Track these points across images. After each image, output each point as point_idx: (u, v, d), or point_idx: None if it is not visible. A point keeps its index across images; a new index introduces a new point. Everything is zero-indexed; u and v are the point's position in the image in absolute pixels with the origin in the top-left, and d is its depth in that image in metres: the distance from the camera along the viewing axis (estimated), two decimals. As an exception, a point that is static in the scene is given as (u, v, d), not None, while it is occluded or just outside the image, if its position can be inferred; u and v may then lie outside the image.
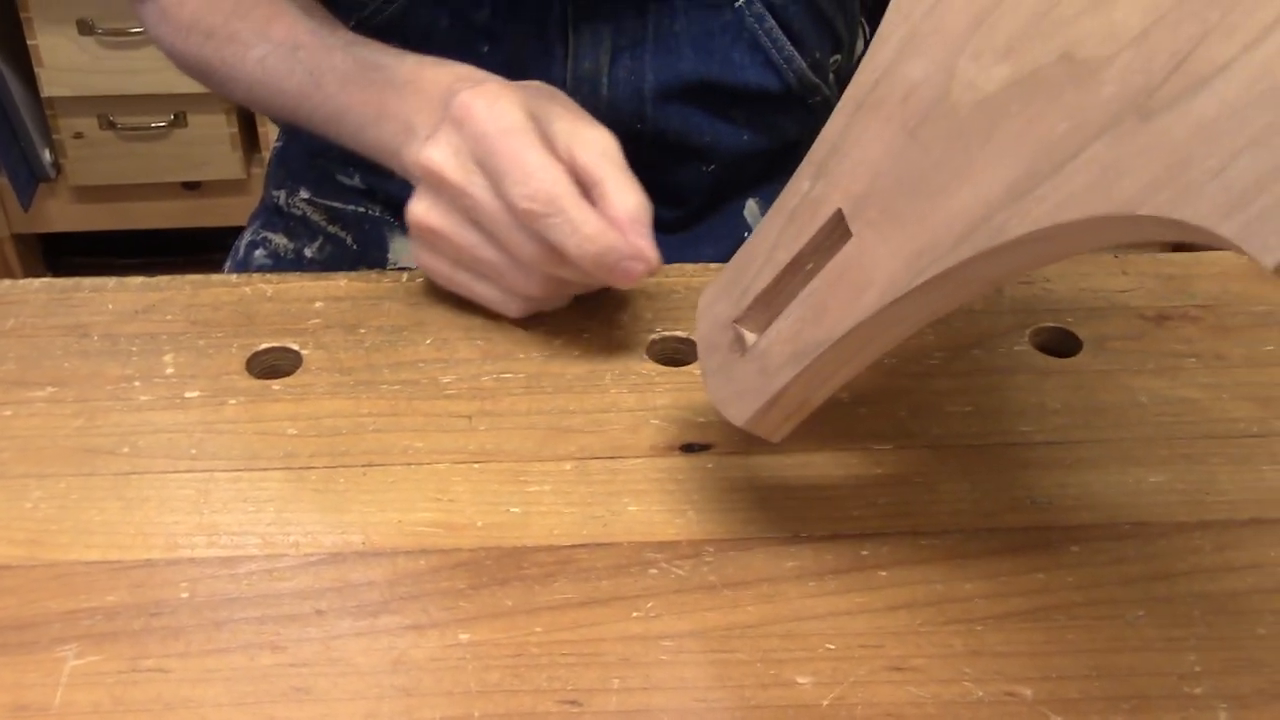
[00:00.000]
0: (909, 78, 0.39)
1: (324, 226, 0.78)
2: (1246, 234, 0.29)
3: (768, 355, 0.42)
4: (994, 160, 0.36)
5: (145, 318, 0.53)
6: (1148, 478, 0.48)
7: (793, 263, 0.42)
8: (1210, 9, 0.31)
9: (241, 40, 0.63)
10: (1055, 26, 0.36)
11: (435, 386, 0.51)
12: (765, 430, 0.44)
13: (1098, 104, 0.34)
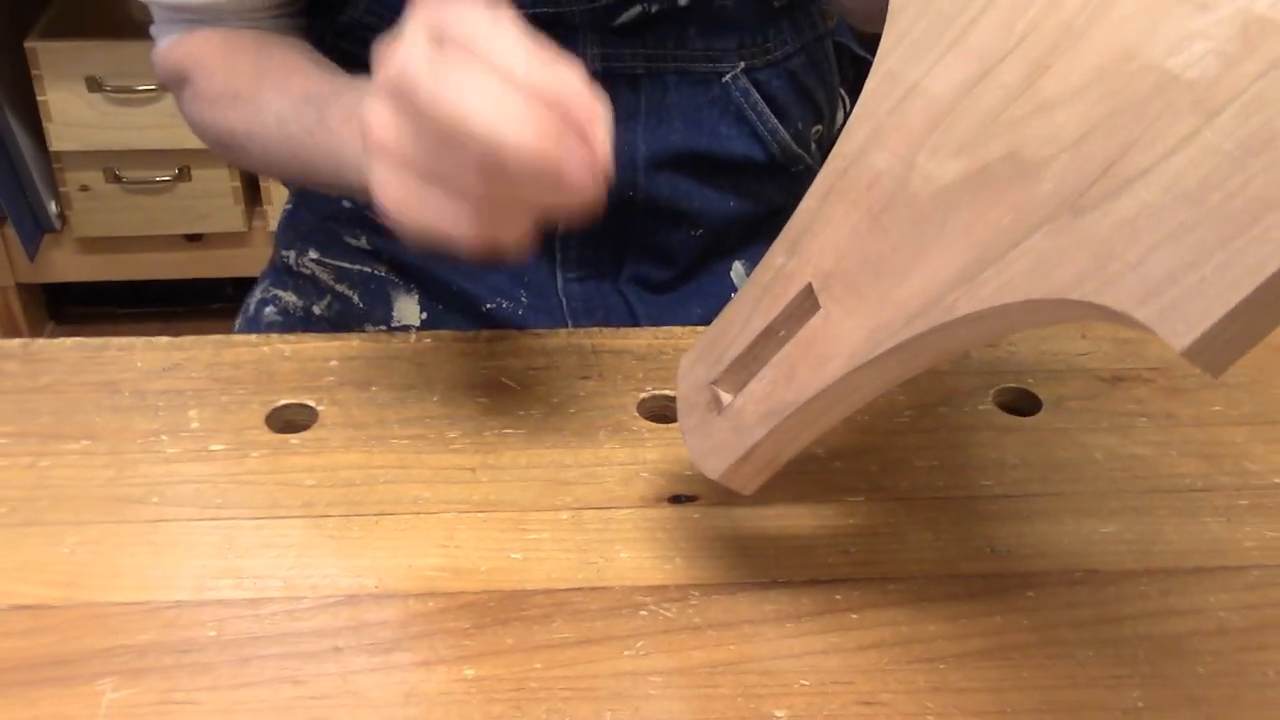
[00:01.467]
0: (874, 167, 0.44)
1: (331, 285, 0.82)
2: (1159, 320, 0.34)
3: (742, 414, 0.46)
4: (947, 246, 0.40)
5: (171, 375, 0.57)
6: (1099, 528, 0.52)
7: (766, 331, 0.46)
8: (1135, 122, 0.36)
9: (263, 99, 0.65)
10: (1004, 128, 0.40)
11: (442, 441, 0.54)
12: (738, 483, 0.48)
13: (1037, 200, 0.38)
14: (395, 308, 0.81)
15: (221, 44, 0.69)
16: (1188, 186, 0.34)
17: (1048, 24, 0.40)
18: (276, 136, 0.63)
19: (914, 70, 0.44)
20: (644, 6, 0.72)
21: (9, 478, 0.52)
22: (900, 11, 0.47)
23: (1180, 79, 0.35)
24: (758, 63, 0.78)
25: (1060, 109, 0.39)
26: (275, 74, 0.65)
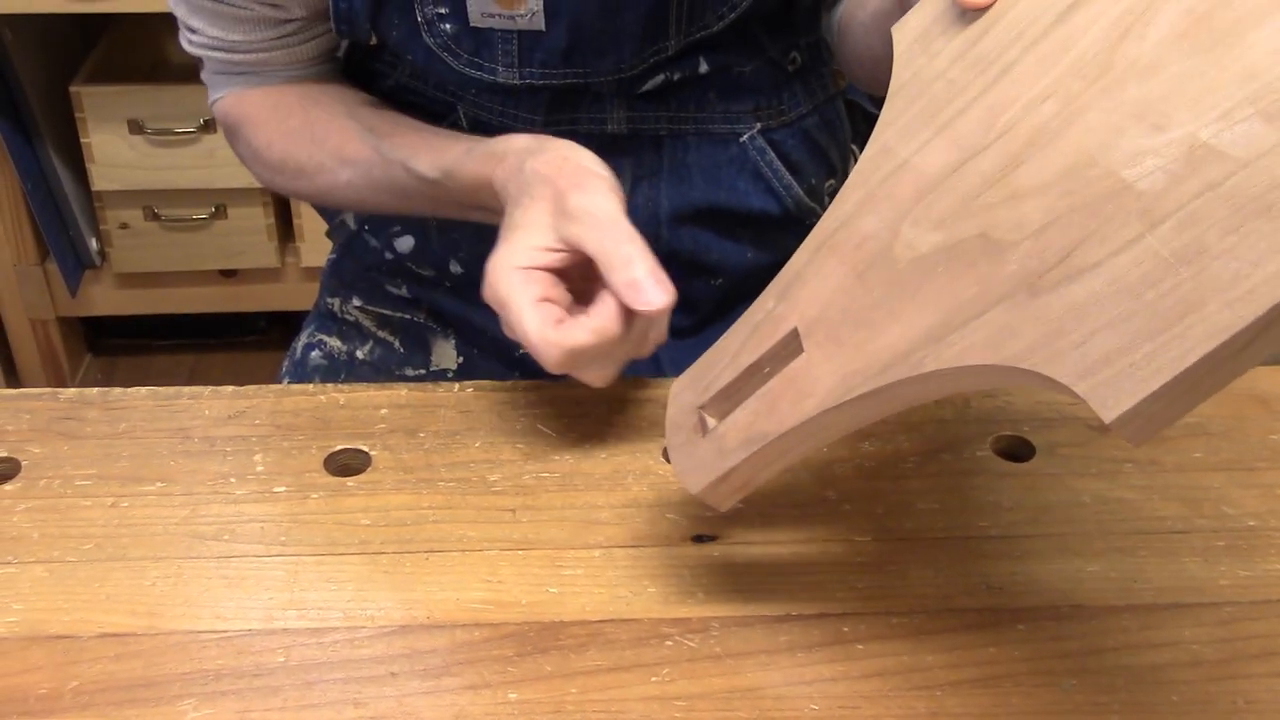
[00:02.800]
0: (862, 230, 0.49)
1: (374, 332, 0.87)
2: (1093, 394, 0.39)
3: (724, 438, 0.51)
4: (920, 308, 0.46)
5: (237, 422, 0.63)
6: (1086, 567, 0.57)
7: (752, 366, 0.51)
8: (1091, 220, 0.41)
9: (328, 170, 0.74)
10: (979, 210, 0.46)
11: (484, 484, 0.60)
12: (715, 500, 0.52)
13: (1001, 277, 0.43)
14: (434, 352, 0.86)
15: (271, 108, 0.77)
16: (1129, 282, 0.40)
17: (1025, 124, 0.45)
18: (354, 200, 0.74)
19: (906, 147, 0.50)
20: (667, 74, 0.77)
21: (94, 516, 0.57)
22: (898, 93, 0.52)
23: (1132, 188, 0.41)
24: (773, 124, 0.83)
25: (1029, 200, 0.44)
26: (328, 142, 0.73)
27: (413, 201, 0.72)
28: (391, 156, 0.70)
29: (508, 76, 0.73)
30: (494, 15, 0.71)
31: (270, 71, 0.77)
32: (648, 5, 0.72)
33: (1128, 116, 0.43)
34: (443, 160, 0.67)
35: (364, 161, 0.72)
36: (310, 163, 0.74)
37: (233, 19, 0.74)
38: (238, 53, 0.75)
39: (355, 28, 0.73)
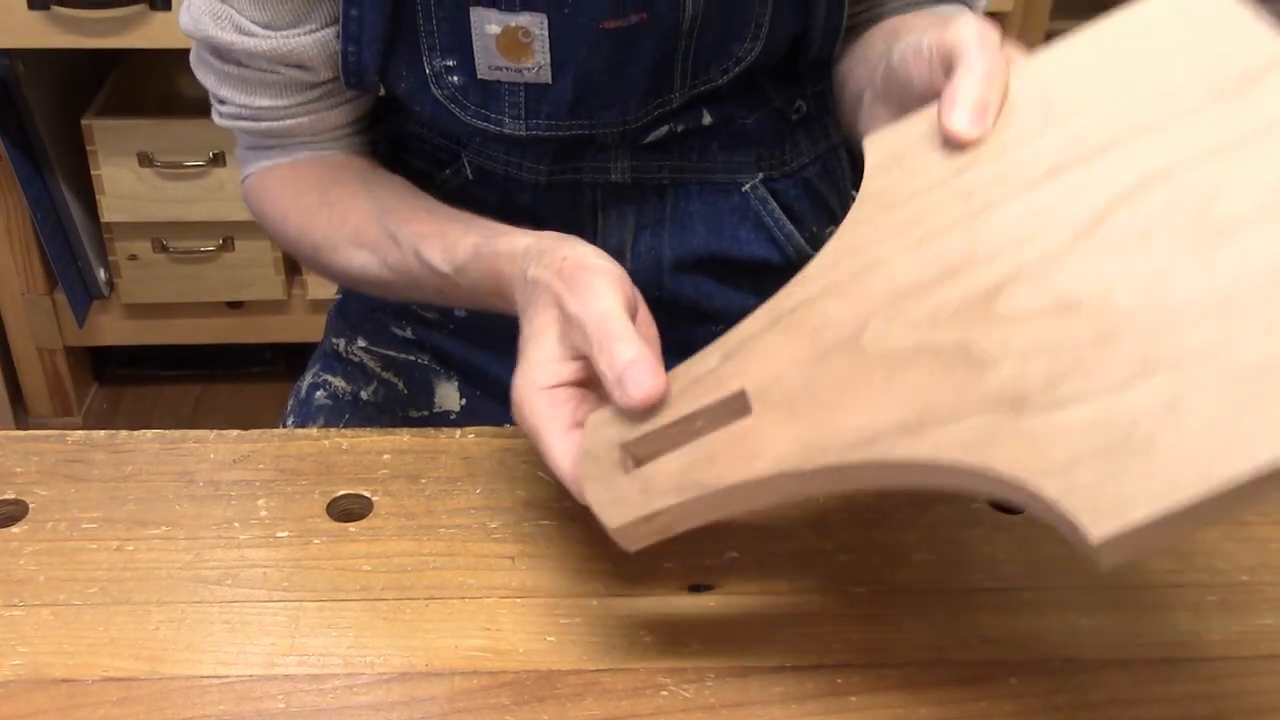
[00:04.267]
0: (826, 314, 0.50)
1: (378, 372, 0.88)
2: (1079, 514, 0.41)
3: (653, 480, 0.50)
4: (891, 399, 0.47)
5: (241, 467, 0.64)
6: (1079, 620, 0.57)
7: (688, 416, 0.51)
8: (1078, 358, 0.43)
9: (343, 252, 0.74)
10: (959, 323, 0.47)
11: (484, 531, 0.60)
12: (630, 539, 0.51)
13: (982, 390, 0.45)
14: (437, 394, 0.87)
15: (290, 186, 0.78)
16: (1118, 419, 0.41)
17: (1010, 260, 0.47)
18: (368, 281, 0.74)
19: (880, 250, 0.51)
20: (671, 126, 0.78)
21: (99, 559, 0.58)
22: (869, 199, 0.53)
23: (1123, 340, 0.43)
24: (775, 174, 0.85)
25: (1013, 326, 0.46)
26: (345, 225, 0.74)
27: (426, 293, 0.71)
28: (406, 243, 0.70)
29: (514, 128, 0.74)
30: (501, 68, 0.73)
31: (297, 142, 0.78)
32: (653, 60, 0.74)
33: (1118, 275, 0.45)
34: (454, 256, 0.66)
35: (379, 246, 0.72)
36: (325, 242, 0.75)
37: (259, 84, 0.75)
38: (264, 120, 0.76)
39: (363, 80, 0.74)
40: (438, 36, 0.73)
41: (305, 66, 0.73)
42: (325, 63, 0.73)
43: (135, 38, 1.56)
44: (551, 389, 0.54)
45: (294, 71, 0.74)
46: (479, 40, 0.72)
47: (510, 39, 0.72)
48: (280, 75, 0.74)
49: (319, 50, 0.72)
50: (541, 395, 0.54)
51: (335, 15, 0.72)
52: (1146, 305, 0.43)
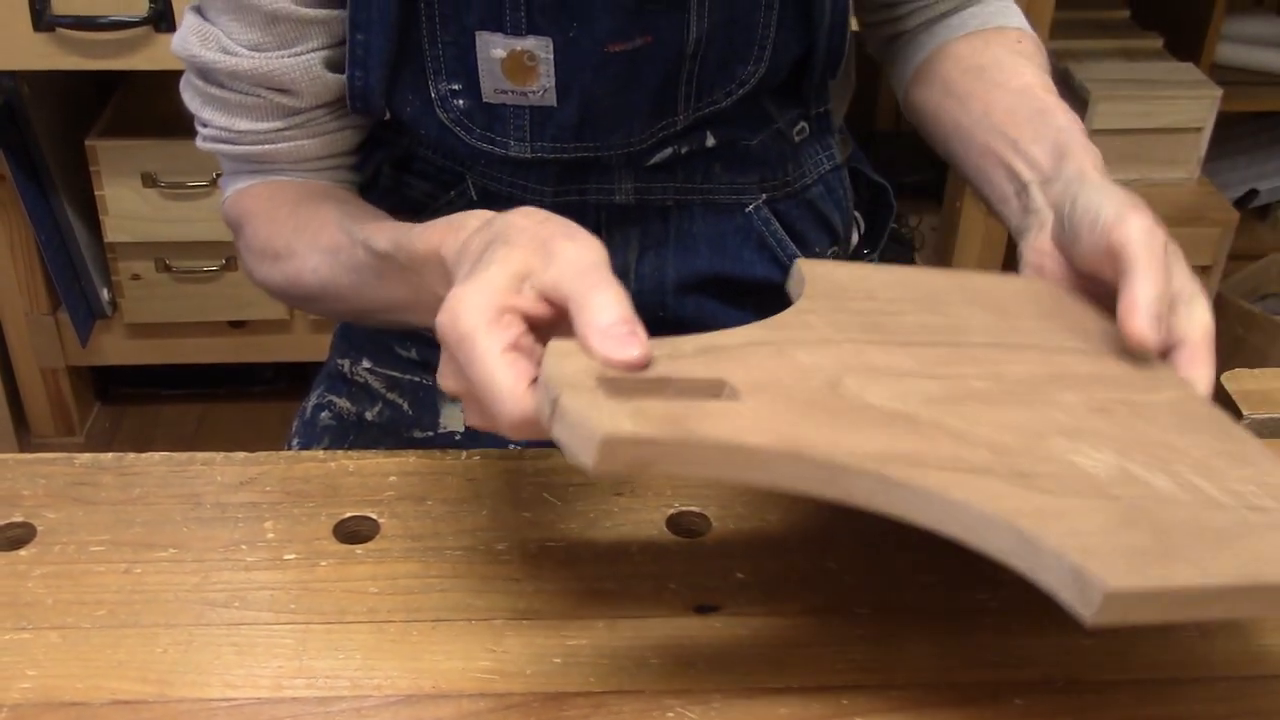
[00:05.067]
0: (802, 360, 0.52)
1: (383, 393, 0.89)
2: (1090, 565, 0.45)
3: (645, 411, 0.45)
4: (888, 435, 0.49)
5: (248, 489, 0.64)
6: (1082, 640, 0.58)
7: (666, 379, 0.48)
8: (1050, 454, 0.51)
9: (299, 255, 0.72)
10: (932, 409, 0.52)
11: (491, 553, 0.61)
12: (607, 458, 0.44)
13: (974, 460, 0.49)
14: (442, 415, 0.88)
15: (266, 200, 0.77)
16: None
17: (965, 385, 0.55)
18: (319, 290, 0.71)
19: (840, 334, 0.56)
20: (675, 148, 0.79)
21: (107, 582, 0.58)
22: (815, 299, 0.58)
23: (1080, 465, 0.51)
24: (778, 194, 0.85)
25: (983, 425, 0.51)
26: (307, 229, 0.72)
27: (363, 285, 0.67)
28: (357, 237, 0.67)
29: (519, 150, 0.75)
30: (507, 92, 0.73)
31: (277, 168, 0.78)
32: (657, 83, 0.74)
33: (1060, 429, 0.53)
34: (398, 234, 0.63)
35: (334, 248, 0.69)
36: (285, 248, 0.73)
37: (240, 107, 0.74)
38: (243, 144, 0.76)
39: (370, 104, 0.74)
40: (443, 60, 0.74)
41: (287, 90, 0.73)
42: (308, 88, 0.73)
43: (139, 59, 1.57)
44: (500, 307, 0.50)
45: (275, 96, 0.73)
46: (484, 64, 0.73)
47: (516, 63, 0.73)
48: (261, 99, 0.74)
49: (302, 74, 0.72)
50: (487, 308, 0.49)
51: (324, 43, 0.73)
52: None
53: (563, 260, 0.50)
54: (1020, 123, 0.75)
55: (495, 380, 0.48)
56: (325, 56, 0.74)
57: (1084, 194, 0.65)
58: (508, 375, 0.48)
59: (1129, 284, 0.59)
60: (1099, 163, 0.70)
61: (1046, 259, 0.68)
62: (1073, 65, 1.98)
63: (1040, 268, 0.68)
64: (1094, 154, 0.71)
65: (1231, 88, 1.98)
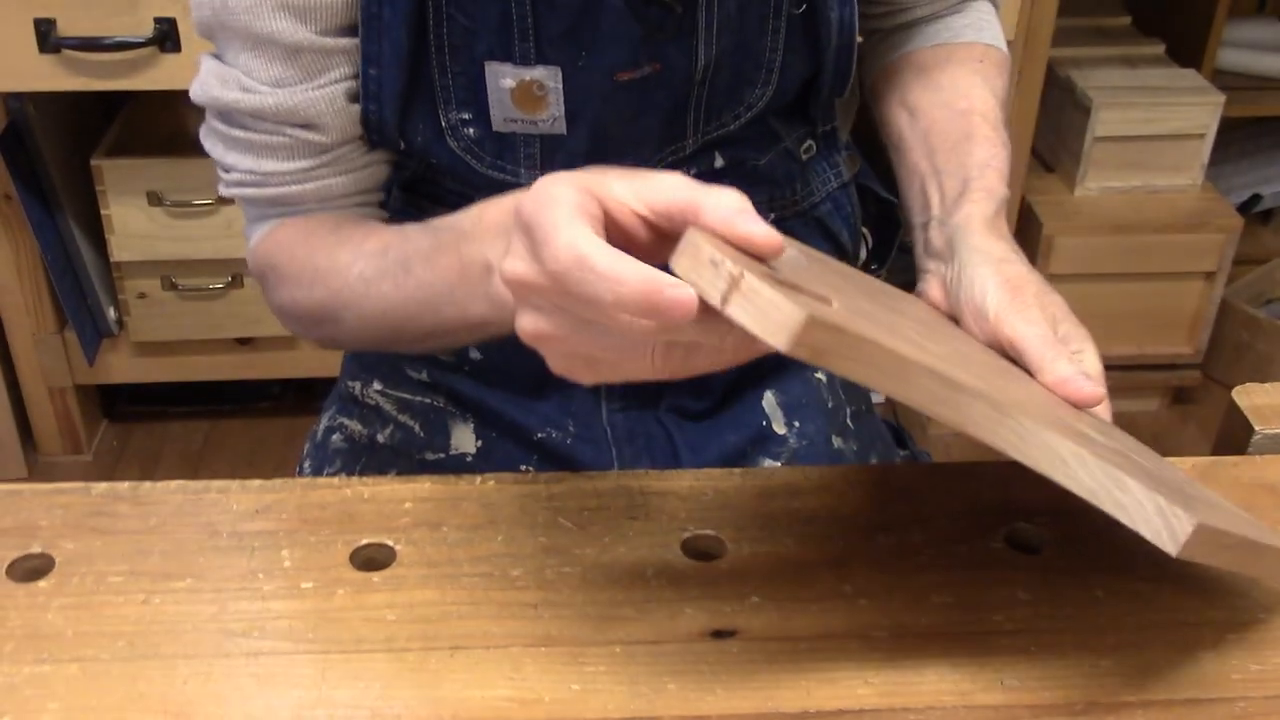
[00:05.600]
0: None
1: (394, 415, 0.89)
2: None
3: (820, 307, 0.46)
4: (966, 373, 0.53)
5: (264, 517, 0.64)
6: (1099, 661, 0.58)
7: (799, 287, 0.48)
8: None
9: (343, 263, 0.70)
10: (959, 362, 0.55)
11: (507, 579, 0.61)
12: (805, 341, 0.44)
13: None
14: (453, 436, 0.88)
15: (302, 226, 0.75)
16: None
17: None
18: (363, 295, 0.68)
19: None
20: (684, 170, 0.79)
21: (126, 613, 0.59)
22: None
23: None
24: (787, 213, 0.85)
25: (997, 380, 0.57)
26: (351, 240, 0.71)
27: (408, 276, 0.64)
28: (410, 228, 0.66)
29: (530, 179, 0.75)
30: (517, 120, 0.73)
31: (303, 209, 0.76)
32: (667, 109, 0.74)
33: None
34: (449, 217, 0.62)
35: (382, 248, 0.67)
36: (328, 261, 0.71)
37: (265, 148, 0.73)
38: (270, 186, 0.74)
39: (385, 136, 0.74)
40: (454, 90, 0.74)
41: (313, 125, 0.73)
42: (334, 121, 0.73)
43: (145, 80, 1.57)
44: (585, 187, 0.49)
45: (301, 132, 0.73)
46: (494, 94, 0.73)
47: (525, 92, 0.73)
48: (287, 137, 0.73)
49: (327, 106, 0.72)
50: (572, 181, 0.49)
51: (347, 74, 0.73)
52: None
53: (659, 178, 0.50)
54: (947, 149, 0.78)
55: (592, 249, 0.46)
56: (348, 88, 0.73)
57: (964, 264, 0.69)
58: (601, 245, 0.47)
59: (1041, 372, 0.63)
60: (989, 210, 0.73)
61: (940, 308, 0.72)
62: (1074, 73, 1.98)
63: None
64: (993, 197, 0.74)
65: (1233, 93, 1.98)
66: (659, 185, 0.49)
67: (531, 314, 0.50)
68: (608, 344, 0.49)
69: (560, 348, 0.51)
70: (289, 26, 0.70)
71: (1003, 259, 0.69)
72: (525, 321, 0.51)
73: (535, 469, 0.86)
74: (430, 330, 0.66)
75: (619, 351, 0.50)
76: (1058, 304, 0.67)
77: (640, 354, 0.50)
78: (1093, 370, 0.64)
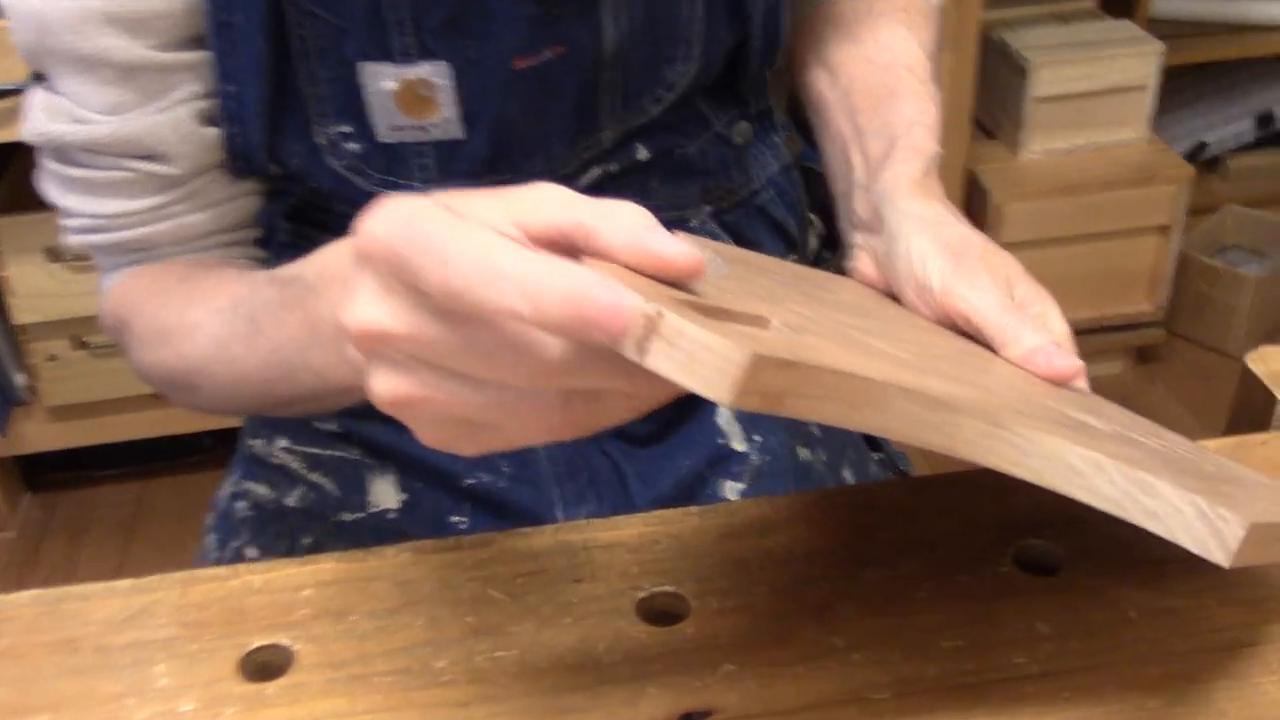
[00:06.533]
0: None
1: (304, 475, 0.78)
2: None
3: (759, 338, 0.38)
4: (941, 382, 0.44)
5: (135, 624, 0.53)
6: (1146, 702, 0.48)
7: (728, 312, 0.39)
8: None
9: (192, 322, 0.60)
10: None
11: (429, 674, 0.50)
12: (751, 386, 0.35)
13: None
14: (371, 492, 0.77)
15: (150, 277, 0.65)
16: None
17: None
18: (216, 358, 0.58)
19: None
20: (604, 167, 0.69)
21: (-37, 767, 0.48)
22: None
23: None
24: (725, 204, 0.76)
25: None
26: (200, 294, 0.60)
27: (258, 334, 0.54)
28: (260, 279, 0.56)
29: (427, 192, 0.65)
30: (404, 128, 0.63)
31: (159, 253, 0.66)
32: (575, 97, 0.64)
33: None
34: (311, 256, 0.51)
35: (232, 304, 0.57)
36: (177, 321, 0.60)
37: (107, 186, 0.63)
38: (116, 230, 0.64)
39: (253, 162, 0.64)
40: (327, 100, 0.64)
41: (158, 156, 0.62)
42: (183, 149, 0.62)
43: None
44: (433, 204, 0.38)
45: (146, 165, 0.63)
46: (374, 99, 0.63)
47: (410, 94, 0.63)
48: (130, 172, 0.63)
49: (173, 132, 0.62)
50: (417, 200, 0.38)
51: (194, 92, 0.62)
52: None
53: (533, 195, 0.39)
54: (870, 108, 0.69)
55: (489, 246, 0.35)
56: (198, 109, 0.63)
57: (896, 233, 0.60)
58: (501, 240, 0.36)
59: (1005, 346, 0.55)
60: (917, 170, 0.63)
61: (876, 287, 0.64)
62: (1007, 35, 1.91)
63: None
64: (921, 156, 0.64)
65: (1172, 41, 1.92)
66: (535, 203, 0.39)
67: (387, 372, 0.39)
68: (492, 399, 0.38)
69: (430, 411, 0.39)
70: (121, 43, 0.60)
71: (938, 221, 0.60)
72: (381, 383, 0.39)
73: (468, 519, 0.76)
74: (292, 398, 0.55)
75: (507, 408, 0.38)
76: (1009, 263, 0.59)
77: (535, 409, 0.38)
78: (1059, 333, 0.56)
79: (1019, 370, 0.54)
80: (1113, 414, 0.53)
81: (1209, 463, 0.50)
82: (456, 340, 0.37)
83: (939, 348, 0.52)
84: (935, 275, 0.57)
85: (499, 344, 0.37)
